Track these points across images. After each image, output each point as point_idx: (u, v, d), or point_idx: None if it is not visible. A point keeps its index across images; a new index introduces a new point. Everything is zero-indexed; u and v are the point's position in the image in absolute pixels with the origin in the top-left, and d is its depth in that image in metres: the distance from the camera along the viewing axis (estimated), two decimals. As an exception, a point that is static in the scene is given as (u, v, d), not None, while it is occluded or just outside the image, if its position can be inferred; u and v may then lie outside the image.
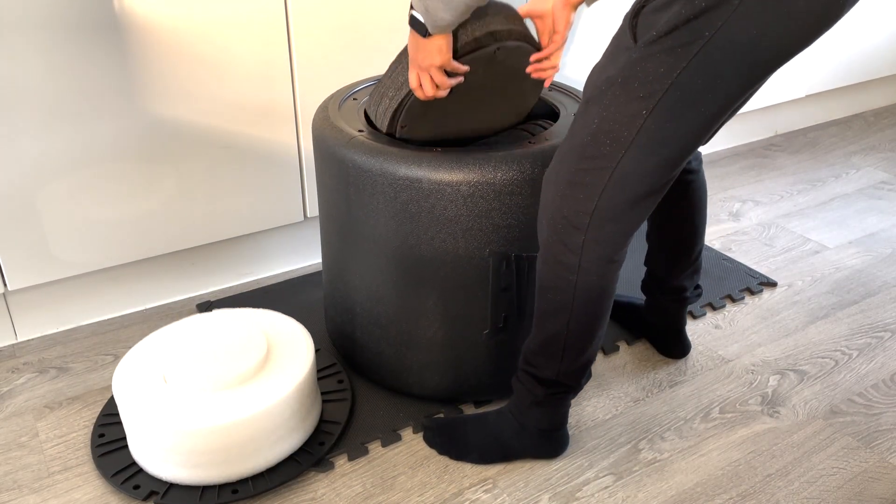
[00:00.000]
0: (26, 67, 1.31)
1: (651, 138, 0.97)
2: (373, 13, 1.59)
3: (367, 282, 1.29)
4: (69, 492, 1.21)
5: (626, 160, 0.99)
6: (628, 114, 0.96)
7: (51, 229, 1.45)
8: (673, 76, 0.92)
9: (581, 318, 1.11)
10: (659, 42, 0.92)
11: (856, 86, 2.68)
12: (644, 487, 1.23)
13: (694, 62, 0.91)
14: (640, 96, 0.95)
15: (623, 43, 0.97)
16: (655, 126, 0.96)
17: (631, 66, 0.95)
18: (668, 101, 0.94)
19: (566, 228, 1.05)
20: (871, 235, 1.97)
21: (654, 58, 0.93)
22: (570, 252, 1.06)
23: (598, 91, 0.99)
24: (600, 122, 0.99)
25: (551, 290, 1.11)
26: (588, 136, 1.00)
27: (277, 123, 1.58)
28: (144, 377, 1.22)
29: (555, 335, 1.13)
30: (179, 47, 1.43)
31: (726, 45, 0.90)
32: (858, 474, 1.26)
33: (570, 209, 1.04)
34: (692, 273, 1.43)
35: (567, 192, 1.04)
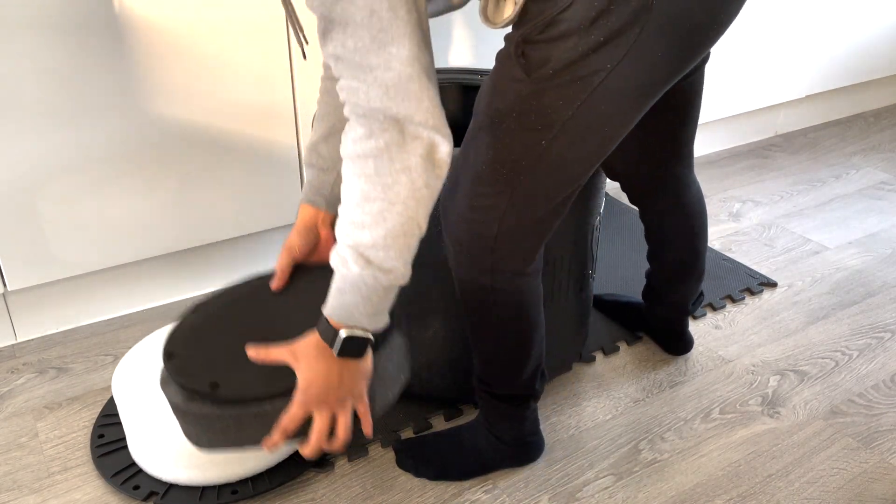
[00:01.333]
0: (26, 67, 1.31)
1: (551, 163, 0.94)
2: (373, 13, 1.59)
3: (367, 282, 1.29)
4: (69, 492, 1.21)
5: (525, 184, 0.96)
6: (525, 144, 0.93)
7: (51, 229, 1.45)
8: (574, 107, 0.89)
9: (509, 334, 1.10)
10: (556, 76, 0.88)
11: (856, 86, 2.68)
12: (644, 488, 1.23)
13: (596, 93, 0.88)
14: (538, 128, 0.91)
15: (510, 73, 0.91)
16: (556, 152, 0.93)
17: (524, 101, 0.90)
18: (569, 129, 0.91)
19: (474, 252, 1.03)
20: (871, 236, 1.97)
21: (551, 92, 0.89)
22: (480, 274, 1.04)
23: (490, 121, 0.94)
24: (495, 152, 0.95)
25: (473, 313, 1.10)
26: (483, 165, 0.97)
27: (277, 124, 1.58)
28: (144, 377, 1.22)
29: (492, 354, 1.12)
30: (179, 48, 1.43)
31: (629, 73, 0.87)
32: (859, 475, 1.26)
33: (474, 232, 1.02)
34: (694, 288, 1.42)
35: (469, 216, 1.01)
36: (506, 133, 0.93)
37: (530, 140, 0.92)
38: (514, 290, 1.06)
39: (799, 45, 2.34)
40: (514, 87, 0.91)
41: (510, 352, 1.12)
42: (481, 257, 1.03)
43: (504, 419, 1.20)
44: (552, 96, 0.89)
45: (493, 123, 0.95)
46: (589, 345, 1.53)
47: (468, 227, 1.02)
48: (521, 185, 0.96)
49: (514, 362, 1.13)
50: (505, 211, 0.98)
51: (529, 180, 0.96)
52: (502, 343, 1.11)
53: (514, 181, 0.96)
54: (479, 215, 1.00)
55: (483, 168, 0.97)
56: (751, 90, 2.33)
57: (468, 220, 1.02)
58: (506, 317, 1.08)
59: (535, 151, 0.93)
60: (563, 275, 1.29)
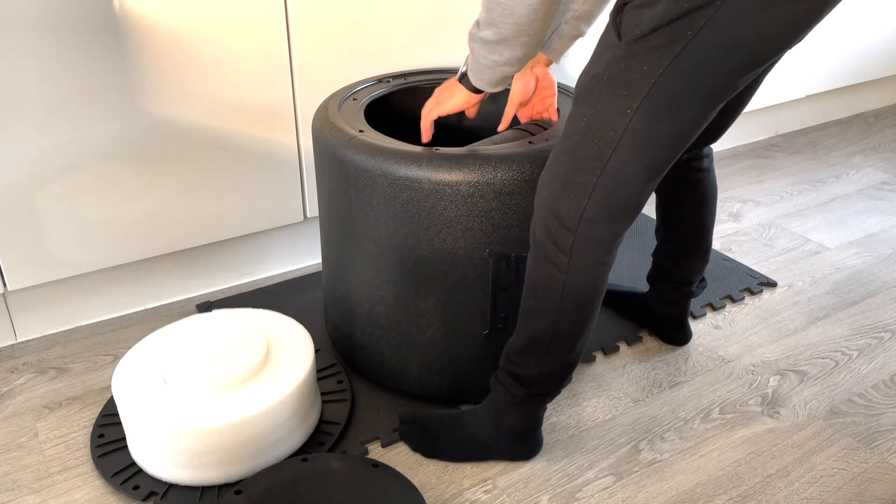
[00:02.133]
0: (26, 67, 1.31)
1: (637, 138, 0.97)
2: (373, 13, 1.59)
3: (366, 282, 1.29)
4: (69, 492, 1.21)
5: (613, 160, 0.99)
6: (614, 112, 0.96)
7: (51, 229, 1.45)
8: (656, 75, 0.93)
9: (568, 319, 1.11)
10: (643, 40, 0.92)
11: (856, 86, 2.68)
12: (644, 488, 1.23)
13: (676, 62, 0.91)
14: (625, 94, 0.95)
15: (608, 40, 0.97)
16: (641, 126, 0.96)
17: (615, 63, 0.95)
18: (652, 100, 0.94)
19: (557, 229, 1.05)
20: (871, 236, 1.97)
21: (638, 56, 0.93)
22: (560, 252, 1.06)
23: (586, 89, 0.99)
24: (588, 120, 0.99)
25: (540, 290, 1.11)
26: (578, 136, 1.01)
27: (277, 123, 1.58)
28: (144, 377, 1.22)
29: (540, 334, 1.13)
30: (179, 47, 1.43)
31: (708, 46, 0.90)
32: (858, 475, 1.26)
33: (561, 209, 1.04)
34: (699, 267, 1.44)
35: (559, 192, 1.04)
36: (598, 98, 0.98)
37: (619, 107, 0.96)
38: (589, 276, 1.08)
39: (799, 45, 2.34)
40: (609, 51, 0.97)
41: (559, 337, 1.12)
42: (564, 235, 1.05)
43: (512, 407, 1.20)
44: (638, 60, 0.93)
45: (588, 91, 0.99)
46: (589, 345, 1.53)
47: (555, 202, 1.05)
48: (609, 161, 0.99)
49: (556, 349, 1.14)
50: (593, 189, 1.01)
51: (617, 157, 0.98)
52: (557, 327, 1.12)
53: (603, 156, 0.99)
54: (569, 192, 1.03)
55: (577, 140, 1.01)
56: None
57: (557, 196, 1.04)
58: (571, 300, 1.09)
59: (623, 121, 0.96)
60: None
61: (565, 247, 1.05)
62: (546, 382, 1.17)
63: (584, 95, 1.00)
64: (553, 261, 1.07)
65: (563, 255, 1.06)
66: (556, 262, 1.07)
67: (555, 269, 1.08)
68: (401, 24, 1.63)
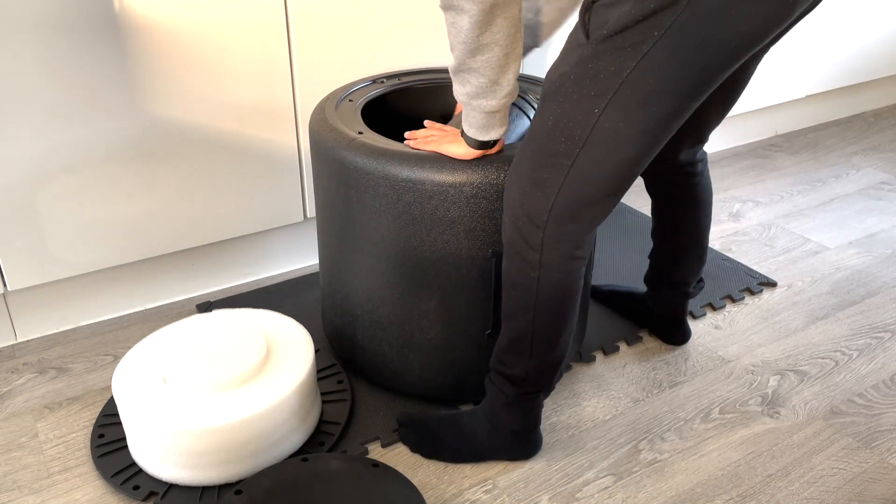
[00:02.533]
0: (26, 67, 1.31)
1: (605, 138, 0.97)
2: (372, 13, 1.59)
3: (368, 284, 1.29)
4: (69, 492, 1.21)
5: (581, 159, 0.99)
6: (581, 111, 0.97)
7: (51, 229, 1.45)
8: (623, 75, 0.93)
9: (545, 316, 1.12)
10: (609, 40, 0.92)
11: (856, 86, 2.68)
12: (644, 488, 1.23)
13: (644, 62, 0.91)
14: (593, 94, 0.95)
15: (576, 39, 0.97)
16: (609, 125, 0.96)
17: (583, 63, 0.95)
18: (619, 99, 0.94)
19: (526, 226, 1.06)
20: (871, 236, 1.97)
21: (605, 55, 0.93)
22: (531, 249, 1.07)
23: (553, 88, 1.00)
24: (555, 119, 0.99)
25: (516, 288, 1.11)
26: (545, 134, 1.01)
27: (277, 123, 1.58)
28: (144, 377, 1.22)
29: (521, 332, 1.13)
30: (179, 47, 1.43)
31: (676, 46, 0.90)
32: (858, 475, 1.26)
33: (530, 206, 1.05)
34: (696, 269, 1.44)
35: (527, 190, 1.05)
36: (565, 98, 0.98)
37: (586, 106, 0.96)
38: (561, 272, 1.08)
39: (799, 45, 2.34)
40: (577, 51, 0.96)
41: (540, 333, 1.13)
42: (534, 232, 1.06)
43: (508, 407, 1.21)
44: (606, 60, 0.93)
45: (555, 90, 0.99)
46: (589, 345, 1.54)
47: (524, 200, 1.05)
48: (577, 160, 0.99)
49: (539, 346, 1.14)
50: (560, 187, 1.02)
51: (585, 156, 0.99)
52: (536, 324, 1.12)
53: (571, 154, 0.99)
54: (537, 189, 1.03)
55: (544, 138, 1.01)
56: (751, 90, 2.33)
57: (525, 194, 1.05)
58: (546, 296, 1.10)
59: (590, 121, 0.96)
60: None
61: (535, 244, 1.06)
62: (535, 380, 1.18)
63: (551, 94, 1.00)
64: (525, 258, 1.08)
65: (534, 253, 1.07)
66: (528, 260, 1.08)
67: (527, 266, 1.08)
68: (402, 25, 1.63)
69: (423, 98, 1.49)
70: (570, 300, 1.12)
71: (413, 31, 1.65)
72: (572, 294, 1.12)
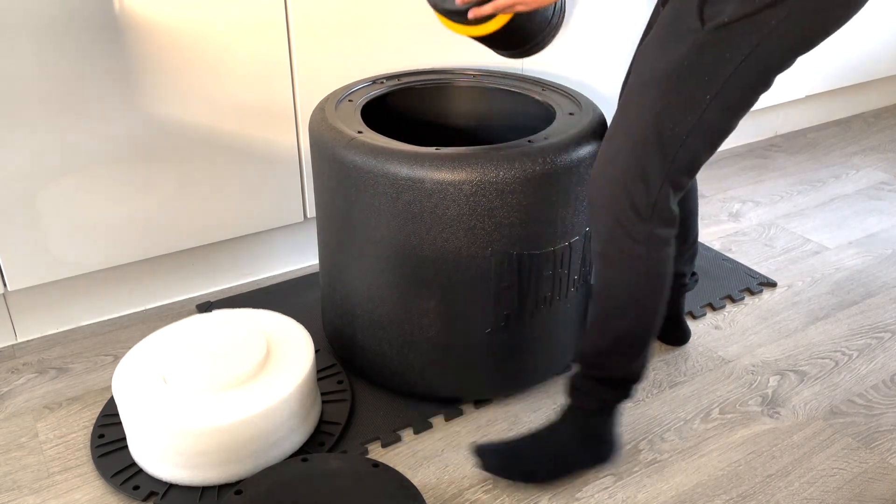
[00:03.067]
0: (26, 67, 1.31)
1: (709, 123, 0.98)
2: (372, 13, 1.59)
3: (367, 283, 1.29)
4: (69, 492, 1.21)
5: (686, 146, 0.99)
6: (692, 98, 0.97)
7: (51, 229, 1.45)
8: (738, 61, 0.94)
9: (651, 307, 1.11)
10: (727, 28, 0.93)
11: (856, 86, 2.68)
12: (644, 488, 1.23)
13: (758, 49, 0.94)
14: (706, 80, 0.96)
15: (686, 25, 0.97)
16: (716, 111, 0.97)
17: (697, 49, 0.96)
18: (729, 86, 0.96)
19: (632, 221, 1.04)
20: (871, 236, 1.97)
21: (722, 43, 0.94)
22: (636, 244, 1.05)
23: (660, 75, 0.99)
24: (663, 107, 0.99)
25: (619, 286, 1.10)
26: (646, 124, 1.00)
27: (277, 123, 1.58)
28: (144, 378, 1.22)
29: (626, 332, 1.12)
30: (179, 48, 1.43)
31: (785, 35, 0.93)
32: (858, 475, 1.26)
33: (635, 201, 1.03)
34: (689, 259, 1.45)
35: (629, 184, 1.03)
36: (677, 84, 0.97)
37: (697, 94, 0.96)
38: (663, 259, 1.08)
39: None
40: (689, 37, 0.96)
41: (645, 328, 1.13)
42: (639, 226, 1.04)
43: (601, 413, 1.20)
44: (722, 47, 0.94)
45: (663, 76, 0.98)
46: (589, 345, 1.54)
47: (627, 195, 1.03)
48: (682, 148, 0.99)
49: (643, 341, 1.14)
50: (666, 175, 1.01)
51: (691, 142, 0.99)
52: (642, 319, 1.12)
53: (677, 142, 0.99)
54: (638, 182, 1.02)
55: (646, 128, 1.00)
56: (751, 90, 2.32)
57: (629, 190, 1.03)
58: (649, 289, 1.09)
59: (699, 108, 0.97)
60: (565, 271, 1.29)
61: (642, 238, 1.05)
62: (634, 375, 1.18)
63: (656, 81, 0.99)
64: (631, 254, 1.07)
65: (640, 247, 1.06)
66: (634, 255, 1.06)
67: (632, 262, 1.07)
68: (402, 25, 1.63)
69: (423, 98, 1.50)
70: (667, 283, 1.12)
71: (413, 31, 1.65)
72: (669, 277, 1.11)
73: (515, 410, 1.38)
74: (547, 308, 1.30)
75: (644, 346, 1.15)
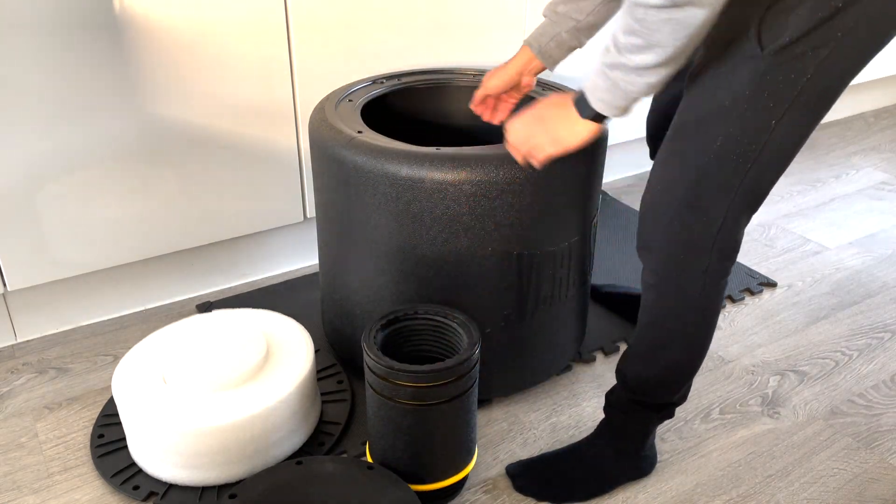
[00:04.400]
0: (26, 67, 1.31)
1: (777, 148, 0.94)
2: (372, 13, 1.59)
3: (367, 283, 1.29)
4: (69, 492, 1.21)
5: (751, 174, 0.95)
6: (756, 127, 0.92)
7: (51, 229, 1.45)
8: (803, 81, 0.89)
9: (701, 341, 1.10)
10: (789, 49, 0.87)
11: (856, 86, 2.68)
12: (644, 488, 1.23)
13: (823, 64, 0.88)
14: (770, 106, 0.91)
15: (744, 51, 0.91)
16: (782, 135, 0.93)
17: (758, 77, 0.90)
18: (795, 107, 0.91)
19: (689, 255, 1.01)
20: (871, 236, 1.97)
21: (784, 65, 0.88)
22: (693, 279, 1.03)
23: (719, 107, 0.93)
24: (724, 139, 0.94)
25: (670, 320, 1.08)
26: (709, 157, 0.95)
27: (277, 123, 1.58)
28: (144, 378, 1.22)
29: (674, 363, 1.11)
30: (179, 47, 1.43)
31: (854, 44, 0.88)
32: (859, 475, 1.26)
33: (693, 234, 1.00)
34: None
35: (686, 218, 0.99)
36: (739, 116, 0.92)
37: (762, 121, 0.92)
38: (718, 293, 1.05)
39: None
40: (749, 65, 0.90)
41: (694, 359, 1.11)
42: (699, 260, 1.01)
43: (639, 432, 1.19)
44: (785, 70, 0.89)
45: (724, 109, 0.93)
46: (589, 345, 1.54)
47: (686, 230, 1.00)
48: (748, 174, 0.95)
49: (691, 368, 1.12)
50: (729, 206, 0.97)
51: (755, 169, 0.95)
52: (692, 351, 1.10)
53: (742, 171, 0.95)
54: (700, 215, 0.98)
55: (708, 161, 0.95)
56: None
57: (686, 223, 0.99)
58: (704, 323, 1.07)
59: (764, 135, 0.92)
60: (565, 271, 1.29)
61: (699, 272, 1.02)
62: (682, 397, 1.17)
63: (716, 114, 0.94)
64: (686, 289, 1.04)
65: (697, 282, 1.03)
66: (691, 290, 1.04)
67: (689, 297, 1.04)
68: (402, 25, 1.63)
69: (423, 98, 1.50)
70: (718, 316, 1.09)
71: (413, 31, 1.65)
72: (719, 310, 1.09)
73: (515, 410, 1.38)
74: (547, 308, 1.30)
75: (691, 375, 1.14)
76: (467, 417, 1.13)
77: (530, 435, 1.33)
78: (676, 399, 1.17)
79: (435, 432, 1.10)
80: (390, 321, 1.15)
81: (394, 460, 1.13)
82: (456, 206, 1.16)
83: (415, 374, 1.05)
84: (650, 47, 0.87)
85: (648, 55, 0.88)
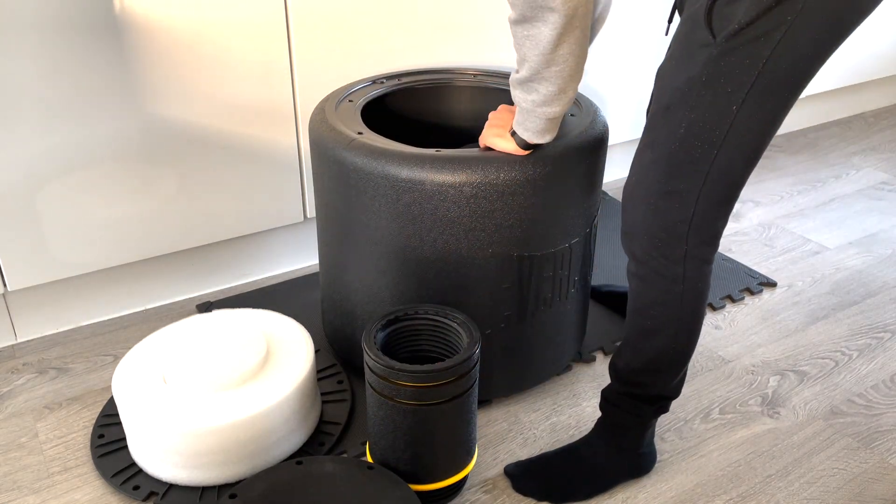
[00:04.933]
0: (26, 67, 1.31)
1: (742, 132, 0.96)
2: (372, 13, 1.59)
3: (367, 284, 1.29)
4: (69, 492, 1.21)
5: (719, 160, 0.97)
6: (717, 111, 0.95)
7: (51, 229, 1.45)
8: (759, 65, 0.91)
9: (688, 327, 1.10)
10: (741, 34, 0.90)
11: (856, 86, 2.68)
12: (644, 488, 1.23)
13: (779, 47, 0.90)
14: (728, 91, 0.93)
15: (698, 40, 0.94)
16: (745, 118, 0.95)
17: (713, 62, 0.93)
18: (756, 91, 0.93)
19: (666, 241, 1.03)
20: (871, 236, 1.97)
21: (738, 50, 0.91)
22: (672, 264, 1.04)
23: (680, 94, 0.97)
24: (688, 125, 0.97)
25: (655, 307, 1.09)
26: (675, 143, 0.98)
27: (277, 123, 1.58)
28: (144, 378, 1.22)
29: (662, 351, 1.12)
30: (179, 47, 1.43)
31: (807, 26, 0.89)
32: (858, 475, 1.26)
33: (668, 220, 1.02)
34: None
35: (661, 204, 1.02)
36: (697, 101, 0.95)
37: (722, 106, 0.94)
38: (700, 279, 1.07)
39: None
40: (702, 52, 0.93)
41: (682, 347, 1.12)
42: (675, 246, 1.03)
43: (637, 427, 1.19)
44: (739, 55, 0.91)
45: (684, 95, 0.96)
46: (589, 345, 1.54)
47: (661, 216, 1.02)
48: (715, 162, 0.97)
49: (681, 359, 1.13)
50: (700, 193, 0.99)
51: (723, 156, 0.97)
52: (678, 338, 1.11)
53: (707, 158, 0.97)
54: (673, 201, 1.01)
55: (676, 147, 0.98)
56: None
57: (661, 209, 1.02)
58: (688, 309, 1.08)
59: (727, 119, 0.95)
60: (565, 272, 1.29)
61: (677, 257, 1.04)
62: (673, 392, 1.17)
63: (678, 100, 0.97)
64: (665, 275, 1.06)
65: (676, 267, 1.05)
66: (670, 276, 1.05)
67: (670, 283, 1.06)
68: (402, 25, 1.63)
69: (423, 98, 1.50)
70: (705, 305, 1.10)
71: (413, 31, 1.65)
72: (706, 299, 1.10)
73: (515, 411, 1.38)
74: (547, 309, 1.30)
75: (682, 365, 1.14)
76: (467, 417, 1.13)
77: (530, 435, 1.33)
78: (669, 391, 1.17)
79: (435, 432, 1.10)
80: (390, 321, 1.15)
81: (394, 460, 1.13)
82: (456, 208, 1.16)
83: (415, 374, 1.05)
84: (522, 61, 1.02)
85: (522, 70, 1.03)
